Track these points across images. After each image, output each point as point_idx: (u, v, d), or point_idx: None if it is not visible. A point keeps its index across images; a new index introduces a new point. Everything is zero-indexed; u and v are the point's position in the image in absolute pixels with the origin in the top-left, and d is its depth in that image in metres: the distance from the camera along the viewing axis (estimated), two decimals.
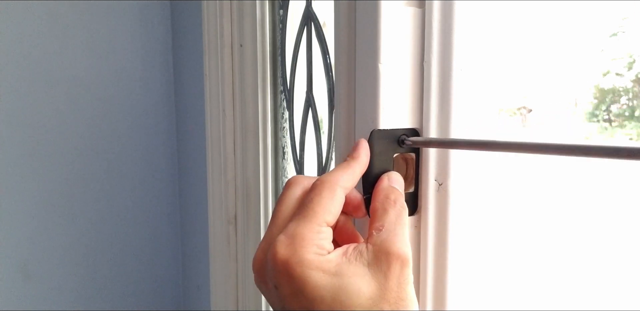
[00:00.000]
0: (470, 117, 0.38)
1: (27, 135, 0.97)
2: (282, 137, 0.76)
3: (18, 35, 0.95)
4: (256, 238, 0.76)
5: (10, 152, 0.96)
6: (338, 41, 0.40)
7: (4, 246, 0.97)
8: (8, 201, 0.97)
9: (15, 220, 0.97)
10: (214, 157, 0.80)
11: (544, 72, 0.61)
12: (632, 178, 0.64)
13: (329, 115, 0.60)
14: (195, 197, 1.02)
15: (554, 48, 0.58)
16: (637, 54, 0.56)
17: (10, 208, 0.97)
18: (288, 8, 0.71)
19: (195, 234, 1.04)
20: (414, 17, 0.37)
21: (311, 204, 0.30)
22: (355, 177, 0.33)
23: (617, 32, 0.56)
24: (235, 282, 0.79)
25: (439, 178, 0.38)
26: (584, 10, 0.55)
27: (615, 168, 0.62)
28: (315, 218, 0.29)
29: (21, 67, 0.96)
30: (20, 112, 0.96)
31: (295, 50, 0.67)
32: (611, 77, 0.60)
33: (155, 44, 1.07)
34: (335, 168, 0.33)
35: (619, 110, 0.63)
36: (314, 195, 0.30)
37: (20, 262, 0.99)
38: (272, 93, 0.75)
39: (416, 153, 0.38)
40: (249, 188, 0.76)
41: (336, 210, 0.31)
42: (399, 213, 0.32)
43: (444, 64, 0.37)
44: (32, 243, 0.99)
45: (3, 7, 0.93)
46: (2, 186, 0.96)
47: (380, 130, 0.36)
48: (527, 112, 0.70)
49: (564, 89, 0.64)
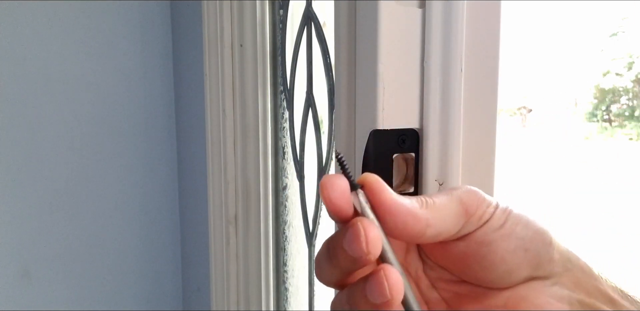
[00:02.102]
0: (470, 117, 0.38)
1: (27, 135, 0.97)
2: (282, 137, 0.76)
3: (18, 35, 0.95)
4: (256, 238, 0.76)
5: (10, 152, 0.96)
6: (338, 41, 0.40)
7: (4, 247, 0.97)
8: (8, 201, 0.97)
9: (15, 220, 0.97)
10: (214, 157, 0.80)
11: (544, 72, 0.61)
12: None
13: (329, 115, 0.60)
14: (195, 197, 1.02)
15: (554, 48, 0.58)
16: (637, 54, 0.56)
17: (10, 208, 0.97)
18: (288, 8, 0.71)
19: (195, 234, 1.04)
20: (414, 17, 0.37)
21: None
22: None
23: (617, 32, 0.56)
24: (235, 283, 0.79)
25: (439, 178, 0.38)
26: (584, 11, 0.55)
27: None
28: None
29: (21, 67, 0.95)
30: (20, 112, 0.96)
31: (295, 50, 0.67)
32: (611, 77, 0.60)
33: (155, 44, 1.07)
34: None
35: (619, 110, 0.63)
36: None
37: (20, 262, 0.99)
38: (272, 93, 0.75)
39: (416, 153, 0.38)
40: (249, 188, 0.76)
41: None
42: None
43: (444, 64, 0.37)
44: (32, 243, 0.99)
45: (3, 7, 0.93)
46: (2, 186, 0.96)
47: (380, 130, 0.36)
48: (527, 112, 0.70)
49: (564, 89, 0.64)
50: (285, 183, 0.76)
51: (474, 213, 0.26)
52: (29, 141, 0.97)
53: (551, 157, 5.36)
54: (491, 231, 0.26)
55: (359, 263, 0.24)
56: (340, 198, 0.24)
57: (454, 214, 0.26)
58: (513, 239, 0.26)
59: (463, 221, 0.26)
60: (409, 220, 0.24)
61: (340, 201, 0.24)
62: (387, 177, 0.37)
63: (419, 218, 0.25)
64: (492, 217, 0.26)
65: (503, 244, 0.25)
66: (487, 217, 0.26)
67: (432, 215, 0.25)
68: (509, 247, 0.25)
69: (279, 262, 0.78)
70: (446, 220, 0.25)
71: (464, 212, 0.26)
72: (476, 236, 0.26)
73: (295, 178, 0.73)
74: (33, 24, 0.96)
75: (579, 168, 4.87)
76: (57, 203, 1.00)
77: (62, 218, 1.01)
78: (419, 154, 0.38)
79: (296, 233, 0.76)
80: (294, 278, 0.77)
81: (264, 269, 0.76)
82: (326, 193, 0.24)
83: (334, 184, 0.24)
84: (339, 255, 0.24)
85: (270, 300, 0.77)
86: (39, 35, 0.96)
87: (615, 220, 3.16)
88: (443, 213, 0.25)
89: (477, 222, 0.26)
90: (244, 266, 0.78)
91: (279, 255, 0.77)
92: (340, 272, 0.25)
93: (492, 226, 0.26)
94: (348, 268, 0.25)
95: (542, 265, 0.26)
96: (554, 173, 4.69)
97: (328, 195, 0.24)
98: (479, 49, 0.38)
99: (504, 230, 0.26)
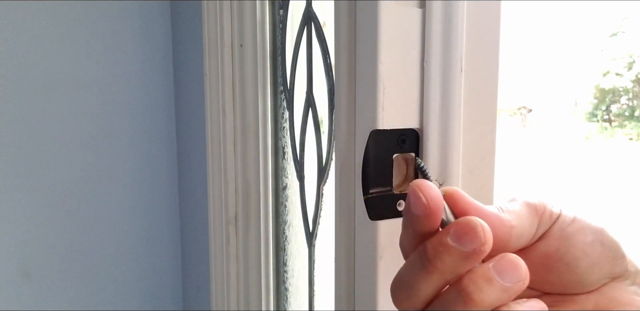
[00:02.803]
0: (470, 117, 0.38)
1: (27, 135, 0.97)
2: (282, 137, 0.76)
3: (18, 35, 0.95)
4: (256, 238, 0.76)
5: (10, 152, 0.96)
6: (338, 41, 0.40)
7: (4, 246, 0.97)
8: (8, 201, 0.97)
9: (15, 220, 0.97)
10: (214, 157, 0.80)
11: (544, 72, 0.61)
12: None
13: (329, 115, 0.60)
14: (195, 197, 1.02)
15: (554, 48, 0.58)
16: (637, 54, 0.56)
17: (10, 208, 0.97)
18: (288, 8, 0.71)
19: (195, 234, 1.04)
20: (414, 17, 0.37)
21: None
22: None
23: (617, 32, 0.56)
24: (235, 283, 0.79)
25: (439, 178, 0.38)
26: (584, 11, 0.55)
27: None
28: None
29: (21, 66, 0.95)
30: (20, 111, 0.96)
31: (295, 50, 0.67)
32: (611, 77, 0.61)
33: (155, 44, 1.07)
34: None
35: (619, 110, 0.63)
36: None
37: (20, 262, 0.99)
38: (272, 93, 0.75)
39: (416, 153, 0.38)
40: (249, 188, 0.76)
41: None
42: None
43: (444, 64, 0.37)
44: (32, 243, 0.99)
45: (3, 7, 0.93)
46: (2, 186, 0.96)
47: (380, 130, 0.36)
48: (527, 112, 0.70)
49: (564, 89, 0.64)
50: (285, 183, 0.76)
51: (544, 212, 0.27)
52: (28, 141, 0.97)
53: (551, 157, 5.35)
54: (565, 226, 0.27)
55: (473, 259, 0.23)
56: (438, 198, 0.24)
57: (527, 215, 0.27)
58: (588, 232, 0.26)
59: (537, 220, 0.27)
60: (496, 223, 0.25)
61: (438, 202, 0.24)
62: (387, 177, 0.37)
63: (503, 220, 0.25)
64: (560, 213, 0.27)
65: (580, 237, 0.26)
66: (557, 214, 0.27)
67: (512, 216, 0.26)
68: (586, 239, 0.26)
69: (279, 262, 0.78)
70: (524, 221, 0.26)
71: (534, 211, 0.27)
72: (553, 233, 0.27)
73: (295, 178, 0.73)
74: (33, 24, 0.96)
75: (579, 168, 4.87)
76: (57, 203, 1.00)
77: (62, 218, 1.01)
78: (419, 154, 0.38)
79: (296, 233, 0.76)
80: (294, 278, 0.77)
81: (264, 269, 0.76)
82: (425, 193, 0.24)
83: (430, 186, 0.24)
84: (445, 256, 0.23)
85: (270, 300, 0.77)
86: (39, 35, 0.96)
87: (615, 220, 3.16)
88: (520, 215, 0.26)
89: (549, 219, 0.27)
90: (244, 266, 0.78)
91: (279, 255, 0.77)
92: (443, 280, 0.24)
93: (564, 221, 0.27)
94: (456, 270, 0.24)
95: (618, 261, 0.26)
96: (554, 173, 4.69)
97: (427, 194, 0.24)
98: (479, 49, 0.38)
99: (577, 224, 0.27)
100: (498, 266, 0.23)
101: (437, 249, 0.23)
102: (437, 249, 0.23)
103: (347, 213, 0.41)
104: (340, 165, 0.41)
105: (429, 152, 0.38)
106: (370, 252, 0.38)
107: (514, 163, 4.75)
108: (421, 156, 0.38)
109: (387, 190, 0.37)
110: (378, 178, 0.36)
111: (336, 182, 0.42)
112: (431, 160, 0.38)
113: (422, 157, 0.38)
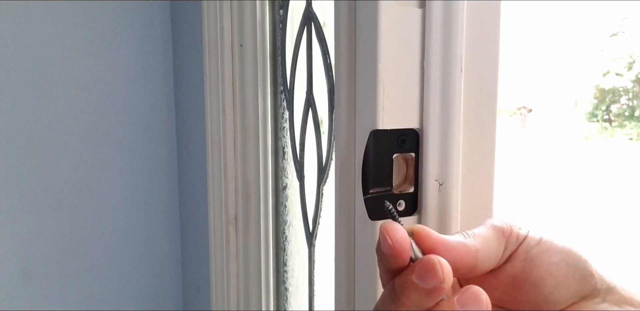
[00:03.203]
0: (470, 117, 0.38)
1: (27, 135, 0.97)
2: (282, 137, 0.76)
3: (18, 35, 0.95)
4: (256, 238, 0.76)
5: (11, 152, 0.96)
6: (338, 41, 0.40)
7: (4, 247, 0.97)
8: (8, 201, 0.97)
9: (15, 220, 0.97)
10: (214, 157, 0.80)
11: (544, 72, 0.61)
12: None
13: (329, 115, 0.60)
14: (195, 197, 1.02)
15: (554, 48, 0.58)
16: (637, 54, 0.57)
17: (11, 208, 0.97)
18: (288, 8, 0.71)
19: (195, 234, 1.04)
20: (414, 17, 0.37)
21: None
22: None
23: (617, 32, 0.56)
24: (235, 283, 0.79)
25: (439, 178, 0.38)
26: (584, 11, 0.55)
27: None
28: None
29: (21, 66, 0.95)
30: (20, 111, 0.96)
31: (295, 50, 0.67)
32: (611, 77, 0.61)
33: (155, 44, 1.07)
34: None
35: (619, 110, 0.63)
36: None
37: (20, 262, 0.99)
38: (272, 93, 0.75)
39: (416, 153, 0.38)
40: (249, 188, 0.76)
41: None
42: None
43: (444, 64, 0.37)
44: (32, 243, 0.99)
45: (3, 7, 0.93)
46: (2, 186, 0.96)
47: (380, 130, 0.36)
48: (527, 112, 0.71)
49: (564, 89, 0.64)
50: (285, 183, 0.76)
51: (510, 234, 0.29)
52: (28, 141, 0.97)
53: (551, 157, 5.35)
54: (531, 247, 0.28)
55: (435, 295, 0.25)
56: (404, 239, 0.26)
57: (494, 237, 0.28)
58: (553, 253, 0.28)
59: (504, 242, 0.28)
60: (462, 251, 0.27)
61: (405, 242, 0.26)
62: (387, 177, 0.37)
63: (469, 247, 0.27)
64: (527, 235, 0.29)
65: (545, 258, 0.28)
66: (523, 235, 0.29)
67: (478, 241, 0.28)
68: (551, 260, 0.27)
69: (279, 262, 0.78)
70: (490, 244, 0.28)
71: (501, 234, 0.29)
72: (519, 255, 0.28)
73: (295, 178, 0.73)
74: (33, 24, 0.96)
75: (579, 168, 4.86)
76: (57, 203, 1.00)
77: (62, 218, 1.01)
78: (419, 154, 0.38)
79: (296, 233, 0.76)
80: (294, 278, 0.77)
81: (264, 269, 0.76)
82: (391, 235, 0.26)
83: (396, 229, 0.26)
84: (410, 293, 0.25)
85: (270, 300, 0.77)
86: (39, 35, 0.96)
87: (615, 220, 3.15)
88: (486, 239, 0.28)
89: (516, 241, 0.29)
90: (244, 266, 0.78)
91: (279, 255, 0.77)
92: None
93: (530, 243, 0.28)
94: (422, 304, 0.25)
95: (586, 279, 0.27)
96: (554, 173, 4.68)
97: (393, 236, 0.26)
98: (479, 49, 0.38)
99: (542, 245, 0.28)
100: (461, 299, 0.25)
101: (404, 286, 0.25)
102: (403, 286, 0.25)
103: (347, 213, 0.41)
104: (340, 165, 0.41)
105: (429, 152, 0.38)
106: (370, 252, 0.38)
107: (514, 163, 4.75)
108: (421, 156, 0.38)
109: (387, 190, 0.37)
110: (378, 178, 0.37)
111: (336, 182, 0.42)
112: (431, 160, 0.38)
113: (422, 157, 0.38)
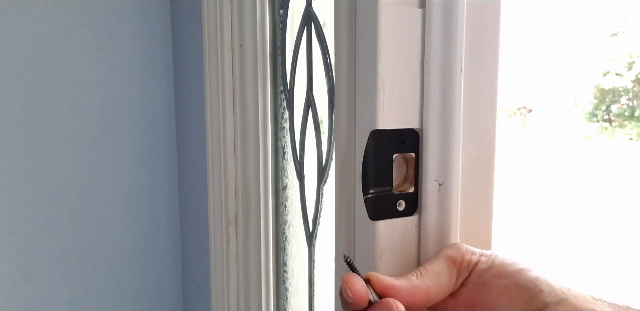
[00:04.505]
0: (470, 117, 0.38)
1: (27, 135, 0.97)
2: (282, 137, 0.76)
3: (18, 35, 0.95)
4: (256, 238, 0.76)
5: (10, 152, 0.96)
6: (338, 41, 0.40)
7: (4, 247, 0.97)
8: (8, 201, 0.97)
9: (15, 220, 0.97)
10: (214, 157, 0.80)
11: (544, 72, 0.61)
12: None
13: (329, 115, 0.60)
14: (195, 197, 1.02)
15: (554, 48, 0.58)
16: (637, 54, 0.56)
17: (10, 208, 0.97)
18: (288, 8, 0.71)
19: (195, 234, 1.04)
20: (414, 17, 0.37)
21: None
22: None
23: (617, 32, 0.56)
24: (235, 283, 0.79)
25: (439, 178, 0.38)
26: (584, 11, 0.55)
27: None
28: None
29: (21, 66, 0.95)
30: (20, 111, 0.96)
31: (295, 50, 0.67)
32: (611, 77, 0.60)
33: (155, 44, 1.07)
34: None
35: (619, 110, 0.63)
36: None
37: (20, 262, 0.99)
38: (272, 93, 0.75)
39: (416, 153, 0.38)
40: (249, 188, 0.76)
41: None
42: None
43: (444, 64, 0.37)
44: (32, 243, 0.99)
45: (3, 7, 0.93)
46: (2, 186, 0.96)
47: (380, 130, 0.36)
48: (527, 112, 0.70)
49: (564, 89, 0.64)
50: (285, 183, 0.76)
51: (462, 262, 0.32)
52: (28, 141, 0.97)
53: (551, 157, 5.36)
54: (482, 272, 0.32)
55: None
56: (362, 290, 0.30)
57: (446, 269, 0.32)
58: (503, 276, 0.31)
59: (455, 271, 0.32)
60: (412, 291, 0.31)
61: (362, 292, 0.30)
62: (387, 177, 0.37)
63: (419, 287, 0.31)
64: (478, 261, 0.32)
65: (495, 281, 0.31)
66: (474, 262, 0.32)
67: (428, 278, 0.32)
68: (501, 283, 0.31)
69: (279, 262, 0.78)
70: (442, 278, 0.32)
71: (452, 263, 0.32)
72: (472, 280, 0.32)
73: (295, 178, 0.73)
74: (33, 24, 0.96)
75: (579, 168, 4.87)
76: (58, 203, 1.00)
77: (62, 218, 1.01)
78: (419, 154, 0.38)
79: (296, 233, 0.76)
80: (294, 278, 0.77)
81: (264, 269, 0.76)
82: (352, 287, 0.30)
83: (353, 281, 0.30)
84: None
85: (270, 300, 0.77)
86: (39, 35, 0.96)
87: (615, 220, 3.16)
88: (437, 273, 0.32)
89: (467, 268, 0.32)
90: (244, 266, 0.78)
91: (279, 255, 0.77)
92: None
93: (481, 268, 0.32)
94: None
95: (536, 296, 0.29)
96: (554, 173, 4.69)
97: (353, 288, 0.30)
98: (479, 49, 0.38)
99: (493, 270, 0.31)
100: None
101: None
102: None
103: (347, 213, 0.41)
104: (340, 165, 0.41)
105: (429, 152, 0.38)
106: (370, 252, 0.38)
107: (514, 163, 4.75)
108: (421, 156, 0.38)
109: (387, 190, 0.37)
110: (378, 178, 0.37)
111: (336, 182, 0.42)
112: (431, 160, 0.38)
113: (422, 156, 0.38)
